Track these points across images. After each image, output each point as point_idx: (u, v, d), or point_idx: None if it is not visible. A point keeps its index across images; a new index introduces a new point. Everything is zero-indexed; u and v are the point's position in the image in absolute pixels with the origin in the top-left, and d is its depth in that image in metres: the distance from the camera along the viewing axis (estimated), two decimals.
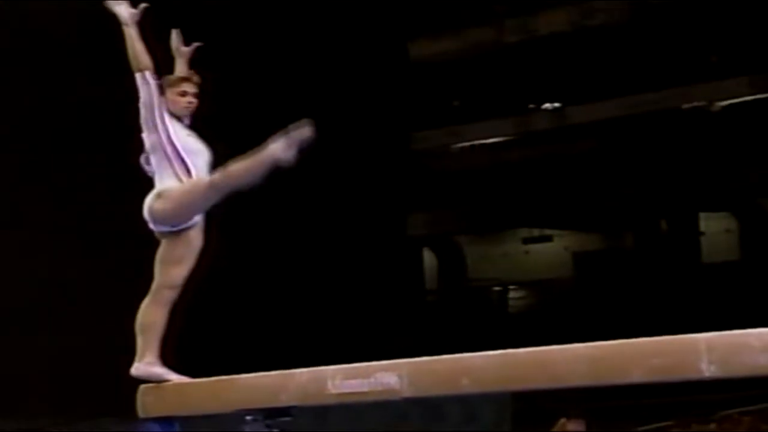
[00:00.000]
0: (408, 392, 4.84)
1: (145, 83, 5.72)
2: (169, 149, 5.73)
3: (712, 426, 17.71)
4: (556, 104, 26.12)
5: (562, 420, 11.81)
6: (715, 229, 28.67)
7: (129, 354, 5.74)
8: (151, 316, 5.72)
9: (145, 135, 5.79)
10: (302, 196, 21.56)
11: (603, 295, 26.07)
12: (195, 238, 5.79)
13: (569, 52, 25.75)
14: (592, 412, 16.63)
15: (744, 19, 24.95)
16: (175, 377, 5.70)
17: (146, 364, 5.69)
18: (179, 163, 5.74)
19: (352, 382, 4.96)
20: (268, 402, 5.29)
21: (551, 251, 30.47)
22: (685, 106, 25.81)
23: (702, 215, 28.25)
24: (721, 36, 25.64)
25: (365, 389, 4.92)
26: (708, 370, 3.98)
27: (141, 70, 5.72)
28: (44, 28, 18.63)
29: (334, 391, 5.01)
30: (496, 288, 30.34)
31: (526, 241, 30.87)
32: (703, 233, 28.18)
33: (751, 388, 15.48)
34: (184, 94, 5.82)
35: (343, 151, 22.21)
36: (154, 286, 5.76)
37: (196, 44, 6.11)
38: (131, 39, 5.72)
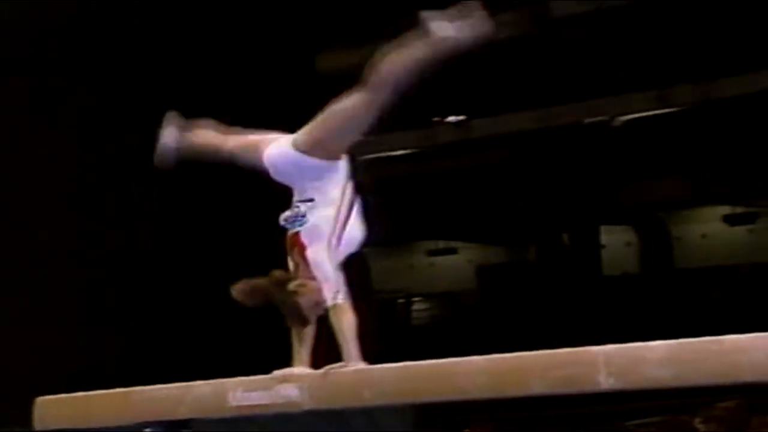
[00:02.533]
0: (309, 404, 4.83)
1: None
2: None
3: None
4: (461, 117, 26.26)
5: (466, 431, 11.90)
6: (616, 242, 29.05)
7: (26, 366, 5.65)
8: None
9: None
10: (209, 208, 21.45)
11: (506, 307, 26.25)
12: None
13: (475, 65, 25.91)
14: (496, 423, 16.76)
15: (651, 35, 25.33)
16: None
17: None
18: None
19: (253, 394, 4.94)
20: (167, 414, 5.24)
21: (456, 264, 30.62)
22: (587, 120, 26.12)
23: (603, 228, 28.59)
24: (629, 51, 25.99)
25: (266, 402, 4.90)
26: (606, 382, 4.02)
27: None
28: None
29: (234, 403, 4.98)
30: (401, 300, 30.42)
31: (431, 253, 30.99)
32: (604, 246, 28.52)
33: (652, 399, 15.70)
34: None
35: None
36: None
37: None
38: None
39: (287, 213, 5.08)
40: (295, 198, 5.13)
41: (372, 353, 4.98)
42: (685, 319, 21.99)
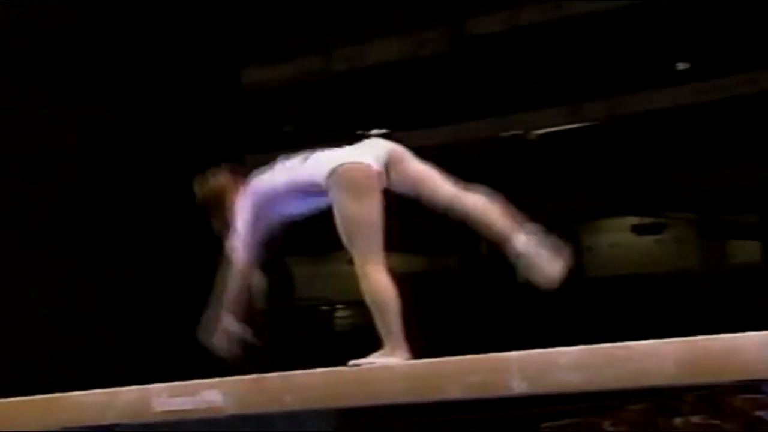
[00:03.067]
0: (232, 409, 4.80)
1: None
2: None
3: None
4: (384, 130, 26.30)
5: None
6: None
7: None
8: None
9: None
10: (132, 213, 21.28)
11: (425, 314, 26.28)
12: None
13: (397, 81, 25.99)
14: (414, 426, 16.77)
15: (564, 52, 25.57)
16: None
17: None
18: None
19: (178, 399, 4.89)
20: (92, 420, 5.17)
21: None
22: (503, 134, 26.29)
23: None
24: (543, 68, 26.21)
25: (190, 407, 4.85)
26: (519, 387, 4.03)
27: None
28: None
29: (159, 408, 4.93)
30: (324, 307, 30.35)
31: (353, 262, 30.96)
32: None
33: (566, 402, 15.79)
34: None
35: (177, 175, 22.01)
36: None
37: None
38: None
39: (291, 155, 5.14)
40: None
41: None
42: (595, 325, 22.16)
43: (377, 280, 4.76)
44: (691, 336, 3.77)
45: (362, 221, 4.82)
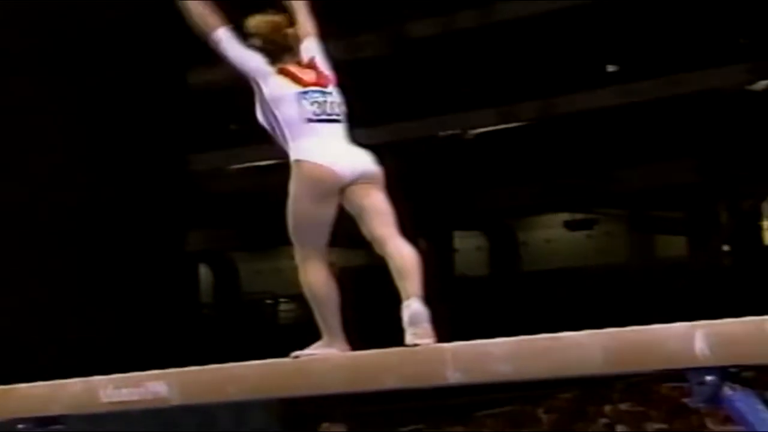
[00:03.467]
0: (177, 400, 4.76)
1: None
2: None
3: (459, 428, 18.02)
4: None
5: (325, 424, 11.86)
6: (468, 246, 29.32)
7: None
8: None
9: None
10: (82, 213, 21.10)
11: (365, 307, 26.27)
12: None
13: (338, 82, 25.95)
14: (354, 415, 16.75)
15: (498, 56, 25.67)
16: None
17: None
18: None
19: (124, 391, 4.85)
20: (40, 411, 5.12)
21: None
22: (441, 133, 26.36)
23: (456, 234, 28.83)
24: (479, 70, 26.30)
25: (136, 398, 4.82)
26: (453, 377, 4.03)
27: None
28: None
29: (105, 400, 4.89)
30: (268, 301, 30.27)
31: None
32: (456, 250, 28.76)
33: (501, 391, 15.85)
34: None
35: (126, 173, 21.90)
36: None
37: None
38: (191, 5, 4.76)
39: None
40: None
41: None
42: (530, 317, 22.28)
43: (316, 275, 4.73)
44: (622, 327, 3.80)
45: (312, 220, 4.80)
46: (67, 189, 21.06)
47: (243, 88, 5.10)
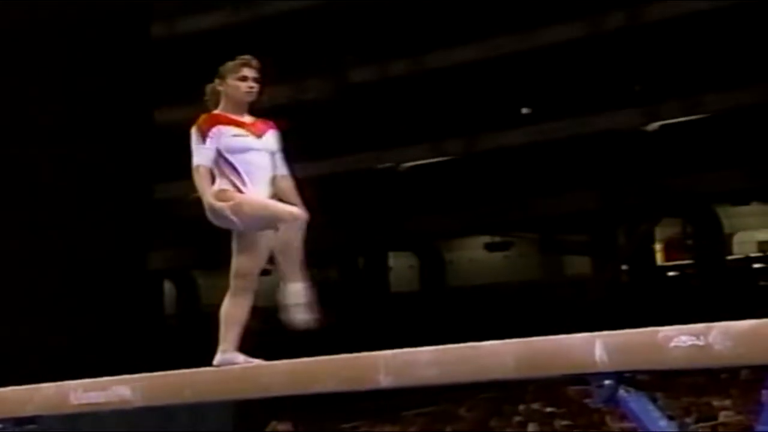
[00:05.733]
0: (140, 402, 4.72)
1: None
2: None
3: (387, 427, 17.98)
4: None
5: (273, 422, 11.75)
6: (401, 265, 29.36)
7: None
8: (225, 308, 5.00)
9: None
10: (57, 235, 20.86)
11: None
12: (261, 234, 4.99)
13: (286, 122, 25.93)
14: (300, 414, 16.65)
15: (430, 97, 25.82)
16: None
17: (221, 353, 4.79)
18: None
19: (92, 394, 4.79)
20: (17, 412, 5.03)
21: (272, 282, 30.40)
22: (379, 166, 26.42)
23: (391, 254, 28.87)
24: (407, 111, 26.42)
25: (103, 400, 4.76)
26: (384, 380, 4.02)
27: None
28: None
29: (76, 402, 4.82)
30: None
31: None
32: (391, 268, 28.79)
33: (427, 393, 15.84)
34: (244, 79, 4.78)
35: (95, 201, 21.74)
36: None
37: None
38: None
39: None
40: None
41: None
42: (454, 328, 22.33)
43: (226, 301, 5.01)
44: (533, 336, 3.81)
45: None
46: (47, 215, 20.81)
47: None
